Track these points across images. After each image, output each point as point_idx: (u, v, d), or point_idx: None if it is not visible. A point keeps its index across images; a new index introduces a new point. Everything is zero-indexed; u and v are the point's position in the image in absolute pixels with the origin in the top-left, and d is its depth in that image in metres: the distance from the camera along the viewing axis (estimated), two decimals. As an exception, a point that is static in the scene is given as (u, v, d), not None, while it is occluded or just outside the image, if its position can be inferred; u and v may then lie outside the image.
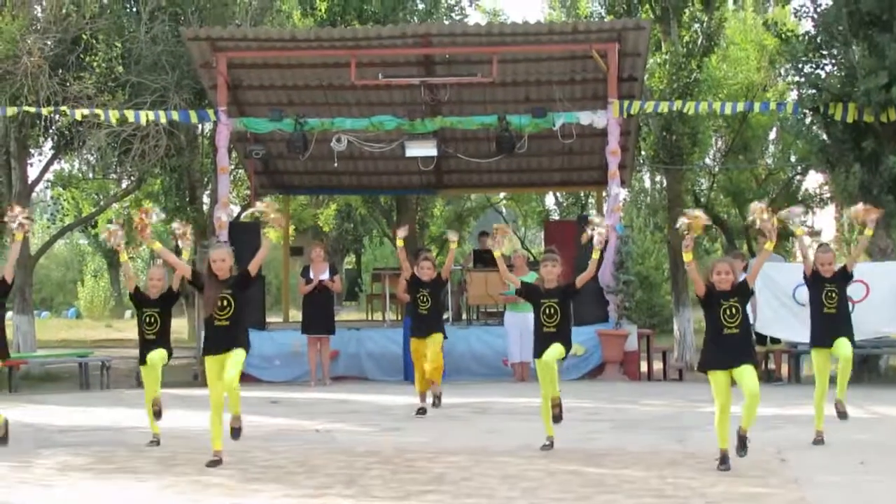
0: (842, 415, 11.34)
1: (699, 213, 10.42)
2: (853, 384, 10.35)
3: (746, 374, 10.02)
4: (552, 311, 10.93)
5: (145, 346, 11.67)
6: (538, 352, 11.04)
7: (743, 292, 10.30)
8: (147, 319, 11.68)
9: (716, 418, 10.13)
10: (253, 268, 10.76)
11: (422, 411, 14.16)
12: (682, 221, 10.40)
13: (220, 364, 10.48)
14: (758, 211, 10.59)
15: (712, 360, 10.25)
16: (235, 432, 10.73)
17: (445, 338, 14.48)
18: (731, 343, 10.14)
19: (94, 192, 31.28)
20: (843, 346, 11.27)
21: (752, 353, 10.46)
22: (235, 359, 10.49)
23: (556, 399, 10.80)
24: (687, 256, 10.23)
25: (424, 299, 14.04)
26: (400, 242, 14.42)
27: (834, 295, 11.39)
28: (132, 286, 11.90)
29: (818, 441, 11.20)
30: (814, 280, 11.51)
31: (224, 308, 10.57)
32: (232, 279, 10.65)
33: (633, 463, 10.40)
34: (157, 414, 11.74)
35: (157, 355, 11.60)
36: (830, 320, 11.42)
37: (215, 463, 10.45)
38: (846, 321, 11.60)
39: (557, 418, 10.83)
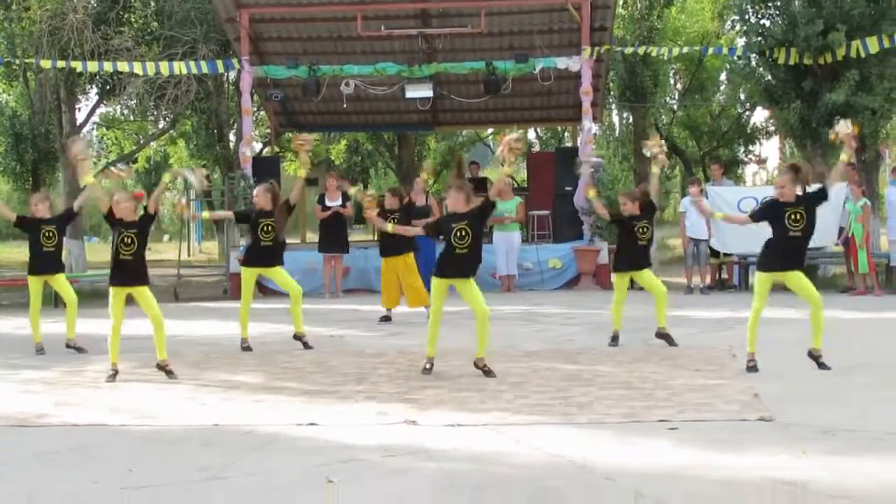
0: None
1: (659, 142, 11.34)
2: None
3: (645, 275, 11.29)
4: (463, 233, 9.59)
5: (118, 266, 10.02)
6: (443, 272, 9.82)
7: (648, 212, 11.28)
8: (125, 240, 9.95)
9: (612, 305, 11.50)
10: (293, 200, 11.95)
11: (386, 318, 14.27)
12: (648, 148, 11.25)
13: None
14: (656, 144, 11.18)
15: (620, 265, 11.43)
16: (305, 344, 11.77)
17: (416, 250, 13.98)
18: (640, 251, 11.25)
19: (134, 132, 31.01)
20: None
21: (649, 260, 11.45)
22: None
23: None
24: (590, 193, 12.24)
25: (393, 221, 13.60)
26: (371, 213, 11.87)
27: (799, 217, 9.26)
28: (105, 207, 10.17)
29: (752, 367, 9.47)
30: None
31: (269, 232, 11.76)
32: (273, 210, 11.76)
33: (604, 360, 10.40)
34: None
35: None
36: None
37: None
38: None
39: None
